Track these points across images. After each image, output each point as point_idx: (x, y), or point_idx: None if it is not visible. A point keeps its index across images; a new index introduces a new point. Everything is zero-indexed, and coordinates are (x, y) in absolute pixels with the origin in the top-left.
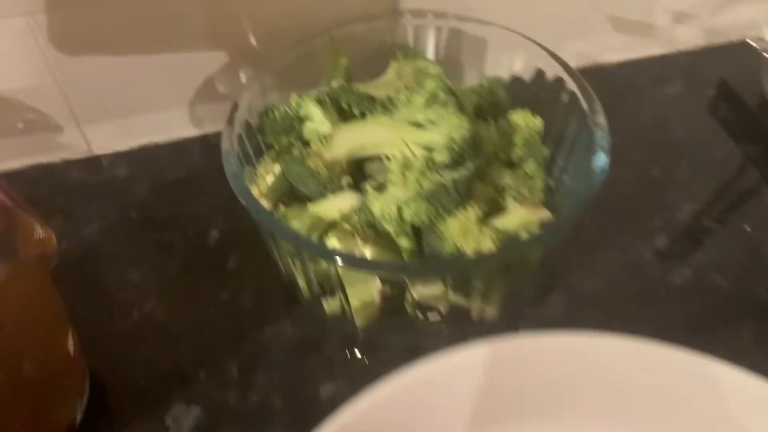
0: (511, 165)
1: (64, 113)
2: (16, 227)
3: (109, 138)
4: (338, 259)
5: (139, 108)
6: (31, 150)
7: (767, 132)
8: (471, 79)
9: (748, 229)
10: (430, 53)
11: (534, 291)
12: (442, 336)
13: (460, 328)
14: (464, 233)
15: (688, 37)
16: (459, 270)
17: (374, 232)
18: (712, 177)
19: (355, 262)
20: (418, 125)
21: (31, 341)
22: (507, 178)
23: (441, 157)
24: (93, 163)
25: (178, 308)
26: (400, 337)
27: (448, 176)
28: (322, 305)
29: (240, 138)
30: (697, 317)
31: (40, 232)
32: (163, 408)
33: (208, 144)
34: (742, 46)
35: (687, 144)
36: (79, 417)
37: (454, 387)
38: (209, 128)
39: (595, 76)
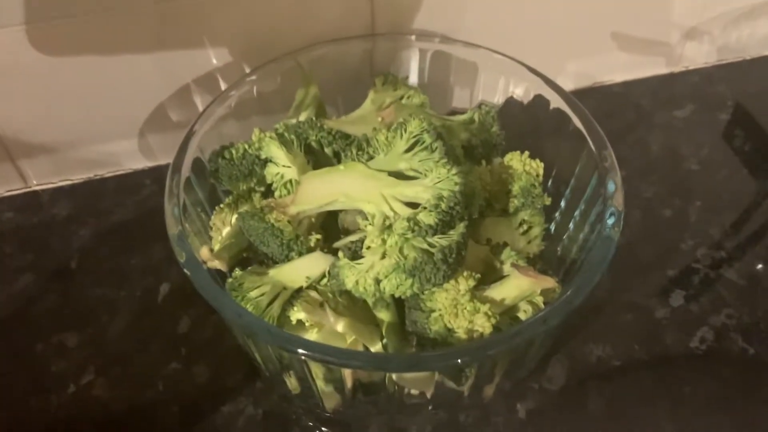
0: (506, 212)
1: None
2: None
3: (49, 172)
4: (300, 350)
5: (83, 139)
6: None
7: None
8: (461, 102)
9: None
10: (414, 78)
11: (534, 364)
12: (428, 417)
13: (448, 408)
14: (455, 309)
15: (699, 55)
16: (451, 362)
17: (348, 300)
18: (729, 217)
19: (322, 354)
20: (400, 175)
21: None
22: (502, 230)
23: (427, 219)
24: (30, 199)
25: (120, 382)
26: (379, 416)
27: (436, 242)
28: (284, 382)
29: (188, 183)
30: (720, 391)
31: None
32: None
33: (160, 177)
34: (759, 63)
35: (700, 178)
36: None
37: None
38: (162, 159)
39: (598, 97)
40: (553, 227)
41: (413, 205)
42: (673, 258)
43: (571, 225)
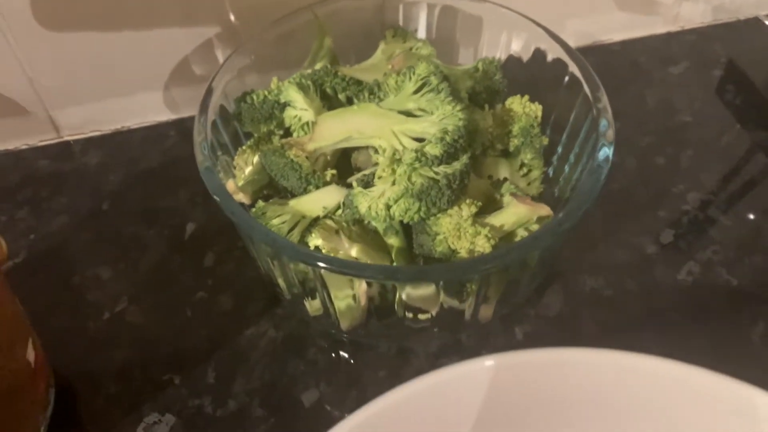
0: (508, 154)
1: (29, 97)
2: None
3: (80, 123)
4: (320, 263)
5: (111, 91)
6: None
7: None
8: (466, 60)
9: (754, 218)
10: (422, 32)
11: (531, 290)
12: (433, 338)
13: (451, 330)
14: (458, 232)
15: (695, 15)
16: (452, 276)
17: (361, 229)
18: (720, 165)
19: (339, 267)
20: (409, 114)
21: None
22: (503, 169)
23: (433, 150)
24: (63, 149)
25: (151, 309)
26: (388, 338)
27: (441, 171)
28: (304, 306)
29: (214, 125)
30: (703, 318)
31: None
32: (135, 417)
33: (185, 129)
34: (752, 24)
35: (693, 129)
36: (43, 430)
37: (450, 404)
38: (185, 112)
39: (597, 55)
40: (551, 171)
41: (421, 141)
42: (664, 201)
43: (566, 168)
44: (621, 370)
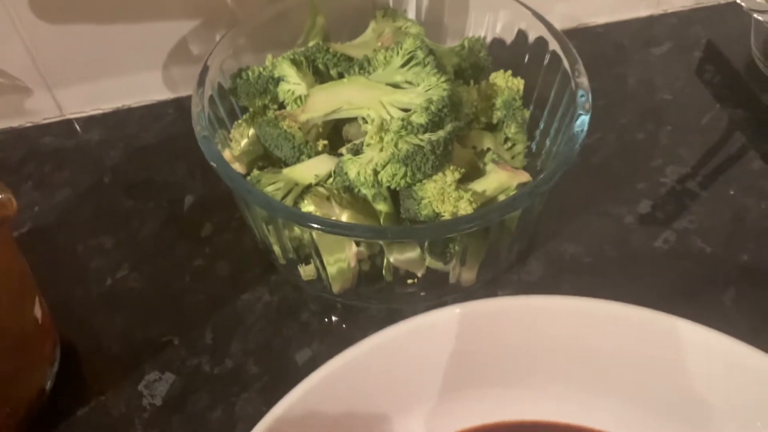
0: (492, 128)
1: (33, 76)
2: None
3: (82, 102)
4: (313, 224)
5: (112, 71)
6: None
7: (754, 95)
8: (453, 41)
9: (732, 193)
10: (411, 13)
11: (513, 256)
12: (420, 301)
13: (437, 294)
14: (442, 197)
15: None
16: (436, 234)
17: (351, 196)
18: (698, 141)
19: (330, 227)
20: (396, 86)
21: (6, 303)
22: (488, 142)
23: (419, 119)
24: (65, 127)
25: (152, 275)
26: (377, 302)
27: (426, 138)
28: (298, 271)
29: (212, 100)
30: (679, 283)
31: None
32: (137, 375)
33: (182, 107)
34: (730, 7)
35: (673, 107)
36: (49, 385)
37: (424, 350)
38: (183, 91)
39: (582, 38)
40: (534, 146)
41: (408, 111)
42: (643, 174)
43: (548, 141)
44: (578, 313)
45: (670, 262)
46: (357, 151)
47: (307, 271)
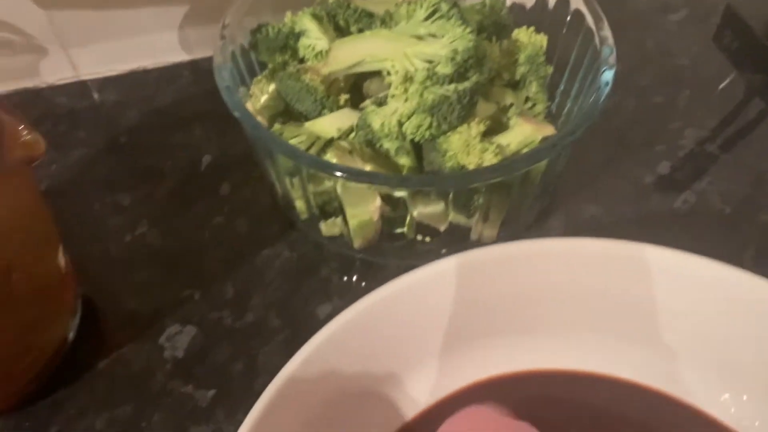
0: (515, 86)
1: (48, 36)
2: (1, 132)
3: (97, 63)
4: (338, 172)
5: (127, 31)
6: (15, 74)
7: None
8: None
9: (750, 155)
10: None
11: (534, 215)
12: (440, 257)
13: (457, 251)
14: (467, 149)
15: None
16: (462, 183)
17: (373, 151)
18: (716, 105)
19: (355, 176)
20: (420, 38)
21: (21, 250)
22: (510, 98)
23: (444, 69)
24: (80, 88)
25: (171, 232)
26: (397, 259)
27: (452, 88)
28: (318, 228)
29: (232, 56)
30: (698, 243)
31: (26, 135)
32: (157, 329)
33: (199, 69)
34: None
35: (691, 72)
36: (71, 336)
37: (430, 301)
38: (199, 53)
39: (600, 4)
40: (554, 107)
41: (432, 62)
42: (662, 136)
43: (568, 102)
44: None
45: (689, 223)
46: (381, 103)
47: (328, 227)
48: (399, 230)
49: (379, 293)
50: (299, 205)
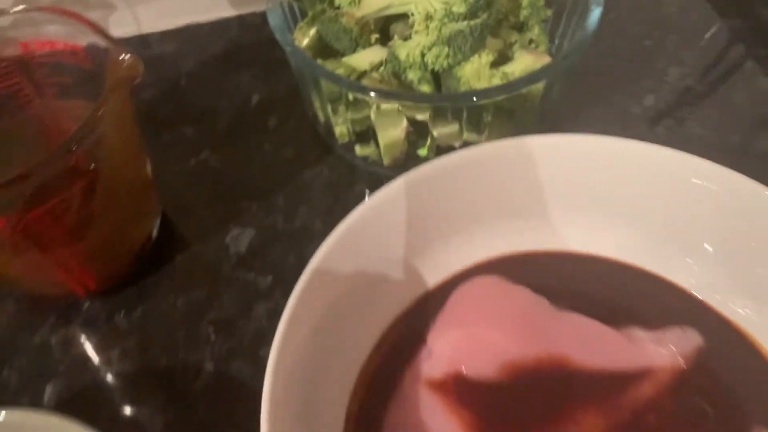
0: (519, 29)
1: None
2: (106, 59)
3: (156, 18)
4: (372, 93)
5: None
6: None
7: (753, 8)
8: None
9: (727, 89)
10: None
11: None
12: None
13: None
14: (477, 76)
15: None
16: (472, 100)
17: (399, 82)
18: (700, 48)
19: (387, 95)
20: None
21: (122, 159)
22: (515, 37)
23: (458, 8)
24: (142, 40)
25: (229, 157)
26: None
27: (465, 24)
28: (354, 151)
29: (281, 5)
30: None
31: (127, 57)
32: (222, 232)
33: (245, 23)
34: None
35: (678, 19)
36: (154, 233)
37: (438, 190)
38: (244, 10)
39: None
40: (554, 49)
41: (448, 3)
42: (649, 74)
43: (565, 44)
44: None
45: (669, 143)
46: (406, 38)
47: (362, 149)
48: (420, 151)
49: (391, 187)
50: (338, 130)
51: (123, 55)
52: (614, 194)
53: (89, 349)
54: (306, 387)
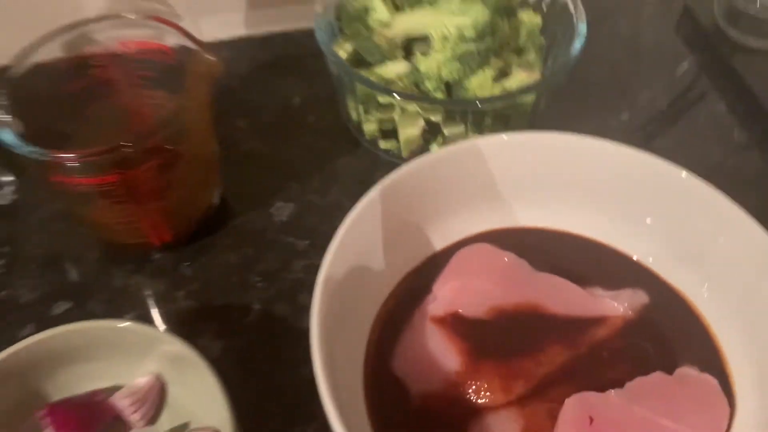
0: (518, 53)
1: (183, 7)
2: (187, 58)
3: (216, 29)
4: (397, 94)
5: (239, 6)
6: None
7: (714, 46)
8: None
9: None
10: None
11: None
12: None
13: None
14: (482, 87)
15: None
16: (478, 106)
17: (418, 89)
18: (671, 77)
19: (408, 97)
20: (453, 13)
21: (201, 136)
22: (514, 59)
23: (469, 33)
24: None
25: (272, 144)
26: None
27: (474, 46)
28: (378, 144)
29: (325, 24)
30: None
31: (208, 57)
32: (267, 204)
33: (288, 38)
34: None
35: (653, 51)
36: (216, 200)
37: (453, 169)
38: (289, 27)
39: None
40: (546, 70)
41: (461, 28)
42: (625, 95)
43: (555, 65)
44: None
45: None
46: (425, 54)
47: (385, 144)
48: (433, 147)
49: (414, 163)
50: (367, 127)
51: (206, 55)
52: (580, 182)
53: (159, 290)
54: (337, 321)
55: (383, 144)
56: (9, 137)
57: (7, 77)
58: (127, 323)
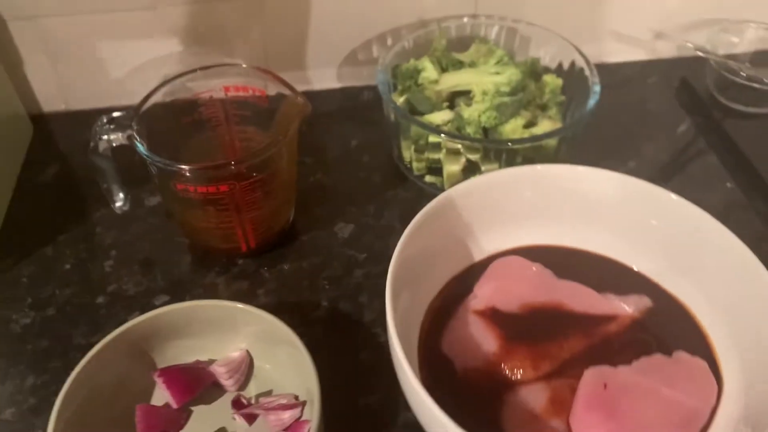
0: (543, 108)
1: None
2: (280, 103)
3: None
4: (443, 135)
5: (306, 65)
6: None
7: (708, 110)
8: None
9: (689, 165)
10: (495, 42)
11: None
12: None
13: None
14: (513, 132)
15: (665, 49)
16: (508, 146)
17: (461, 133)
18: (672, 136)
19: (453, 137)
20: (491, 73)
21: (287, 166)
22: (539, 113)
23: (504, 89)
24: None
25: (335, 178)
26: None
27: (508, 99)
28: (424, 179)
29: (383, 80)
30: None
31: (299, 99)
32: (332, 225)
33: (345, 91)
34: (696, 57)
35: (657, 114)
36: (291, 217)
37: (491, 195)
38: (348, 83)
39: (601, 71)
40: (565, 122)
41: (498, 85)
42: (632, 148)
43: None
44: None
45: None
46: (468, 105)
47: (430, 178)
48: None
49: (457, 188)
50: (416, 164)
51: (296, 96)
52: (595, 208)
53: (243, 288)
54: (398, 312)
55: (429, 178)
56: (144, 150)
57: (139, 112)
58: (231, 303)
